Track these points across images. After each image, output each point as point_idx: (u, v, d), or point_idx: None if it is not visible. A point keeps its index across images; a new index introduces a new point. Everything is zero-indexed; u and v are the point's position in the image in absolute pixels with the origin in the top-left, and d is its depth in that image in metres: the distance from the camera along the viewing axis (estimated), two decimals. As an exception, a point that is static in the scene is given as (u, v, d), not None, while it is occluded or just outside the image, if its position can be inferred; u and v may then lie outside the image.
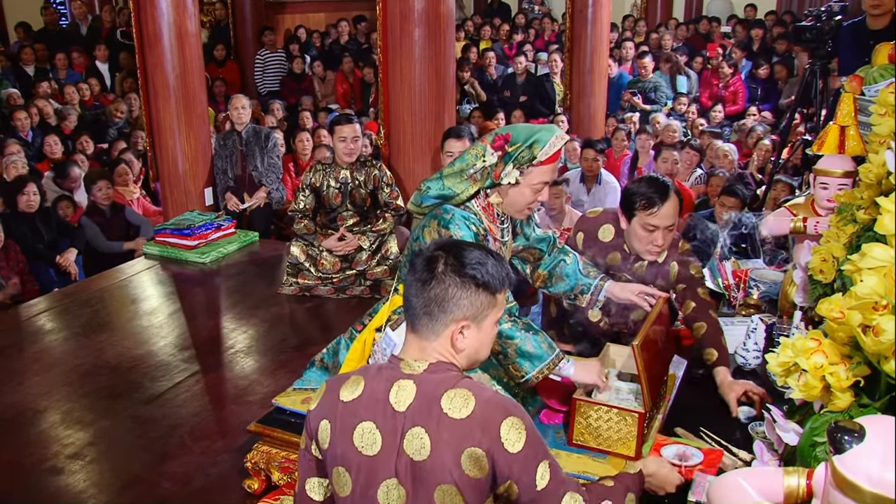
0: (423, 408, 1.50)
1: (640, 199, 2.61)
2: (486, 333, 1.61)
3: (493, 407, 1.50)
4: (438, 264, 1.56)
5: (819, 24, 4.19)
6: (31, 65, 8.26)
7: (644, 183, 2.66)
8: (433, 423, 1.49)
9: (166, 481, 2.61)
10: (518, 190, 2.33)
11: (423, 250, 1.63)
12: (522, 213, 2.43)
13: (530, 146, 2.27)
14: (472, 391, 1.51)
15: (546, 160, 2.29)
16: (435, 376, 1.54)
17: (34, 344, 3.68)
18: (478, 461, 1.48)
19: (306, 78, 8.96)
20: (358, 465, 1.54)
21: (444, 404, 1.49)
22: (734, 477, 1.55)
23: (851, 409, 1.54)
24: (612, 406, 2.18)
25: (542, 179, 2.33)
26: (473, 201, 2.38)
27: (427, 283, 1.55)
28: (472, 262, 1.56)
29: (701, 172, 5.82)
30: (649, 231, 2.63)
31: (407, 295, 1.60)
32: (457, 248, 1.59)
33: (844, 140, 2.87)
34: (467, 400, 1.49)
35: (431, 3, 4.51)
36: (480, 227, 2.33)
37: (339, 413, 1.56)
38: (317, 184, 4.26)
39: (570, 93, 7.42)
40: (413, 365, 1.56)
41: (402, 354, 1.61)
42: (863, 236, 2.00)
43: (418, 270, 1.58)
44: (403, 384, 1.54)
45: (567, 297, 2.67)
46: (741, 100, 8.22)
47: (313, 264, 4.24)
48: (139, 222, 5.47)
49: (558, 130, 2.34)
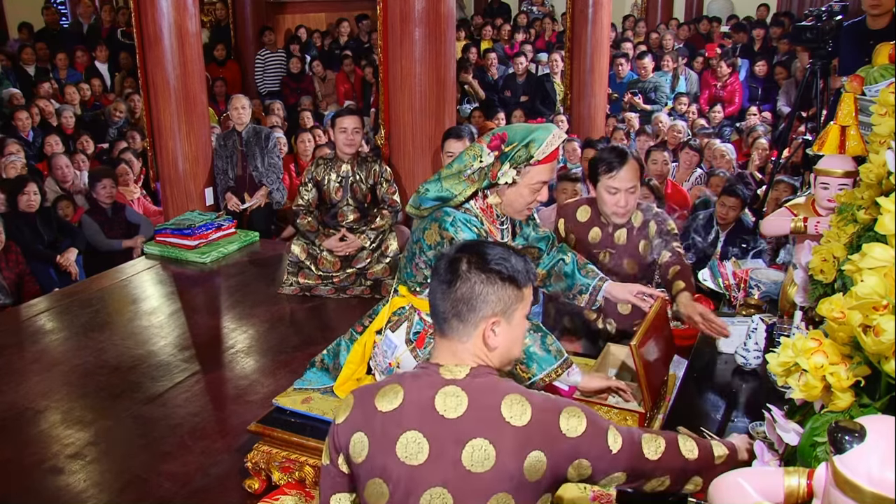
0: (482, 417, 1.47)
1: (602, 164, 2.87)
2: (517, 329, 1.59)
3: (549, 406, 1.50)
4: (462, 264, 1.55)
5: (819, 24, 4.18)
6: (31, 65, 8.27)
7: (605, 151, 2.97)
8: (496, 433, 1.46)
9: (166, 481, 2.61)
10: (516, 190, 2.33)
11: (445, 254, 1.61)
12: (521, 214, 2.43)
13: (527, 145, 2.26)
14: (524, 396, 1.50)
15: (544, 159, 2.28)
16: (480, 381, 1.52)
17: (34, 344, 3.68)
18: (537, 464, 1.46)
19: (306, 78, 8.96)
20: (398, 476, 1.49)
21: (504, 412, 1.47)
22: (734, 477, 1.55)
23: (852, 409, 1.54)
24: (612, 406, 2.18)
25: (540, 179, 2.32)
26: (473, 203, 2.37)
27: (452, 283, 1.54)
28: (495, 258, 1.55)
29: (701, 172, 5.82)
30: (612, 194, 2.87)
31: (433, 301, 1.58)
32: (479, 247, 1.59)
33: (845, 140, 2.86)
34: (524, 406, 1.48)
35: (431, 3, 4.51)
36: (482, 230, 2.33)
37: (380, 424, 1.51)
38: (318, 178, 4.28)
39: (571, 93, 7.42)
40: (454, 370, 1.53)
41: (436, 360, 1.58)
42: (863, 236, 2.00)
43: (441, 273, 1.56)
44: (450, 390, 1.50)
45: (566, 297, 2.68)
46: (738, 100, 8.22)
47: (314, 263, 4.24)
48: (139, 221, 5.47)
49: (555, 129, 2.33)
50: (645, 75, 8.33)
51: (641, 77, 8.36)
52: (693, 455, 1.64)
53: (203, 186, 5.39)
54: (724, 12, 11.46)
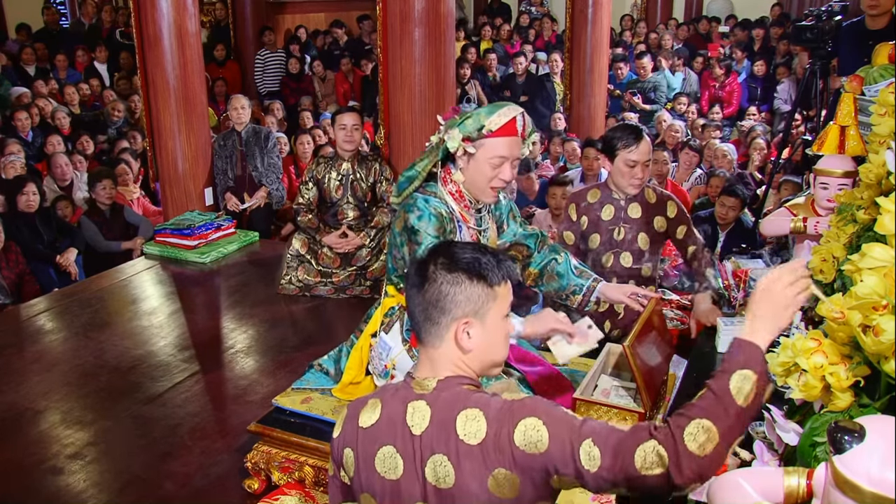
0: (440, 434, 1.44)
1: (619, 140, 3.08)
2: (494, 330, 1.51)
3: (503, 419, 1.41)
4: (430, 266, 1.51)
5: (819, 24, 4.19)
6: (31, 65, 8.27)
7: (619, 129, 3.19)
8: (453, 451, 1.42)
9: (166, 481, 2.61)
10: (475, 165, 2.33)
11: (415, 258, 1.60)
12: (486, 193, 2.40)
13: (478, 115, 2.28)
14: (481, 409, 1.43)
15: (498, 130, 2.28)
16: (446, 394, 1.48)
17: (34, 344, 3.68)
18: (506, 480, 1.39)
19: (306, 78, 8.96)
20: (383, 490, 1.49)
21: (459, 429, 1.42)
22: (734, 477, 1.55)
23: (851, 409, 1.54)
24: (612, 406, 2.18)
25: (498, 153, 2.31)
26: (440, 187, 2.39)
27: (421, 287, 1.50)
28: (462, 258, 1.50)
29: (700, 173, 5.82)
30: (630, 167, 3.09)
31: (408, 307, 1.56)
32: (447, 248, 1.55)
33: (844, 140, 2.87)
34: (479, 421, 1.42)
35: (431, 3, 4.51)
36: (442, 209, 2.33)
37: (360, 440, 1.51)
38: (319, 176, 4.28)
39: (570, 93, 7.42)
40: (423, 383, 1.51)
41: (415, 373, 1.55)
42: (863, 236, 2.00)
43: (411, 277, 1.54)
44: (417, 405, 1.48)
45: (558, 297, 2.67)
46: (736, 101, 8.22)
47: (314, 257, 4.25)
48: (138, 222, 5.47)
49: (512, 105, 2.35)
50: (644, 75, 8.33)
51: (641, 77, 8.36)
52: (702, 438, 1.33)
53: (203, 186, 5.39)
54: (724, 12, 11.45)
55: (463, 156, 2.33)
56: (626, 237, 3.20)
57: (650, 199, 3.23)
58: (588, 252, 3.21)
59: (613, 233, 3.20)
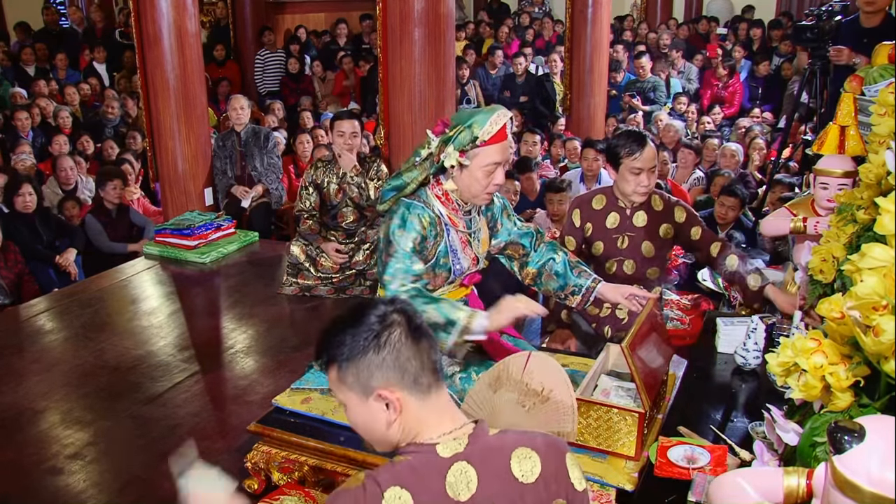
0: (496, 487, 1.33)
1: (624, 148, 2.99)
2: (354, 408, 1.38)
3: (556, 452, 1.37)
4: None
5: (819, 23, 4.19)
6: (31, 65, 8.27)
7: (622, 136, 3.08)
8: (515, 497, 1.33)
9: (166, 481, 2.60)
10: (469, 174, 2.31)
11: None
12: (480, 198, 2.39)
13: (469, 126, 2.25)
14: (530, 447, 1.35)
15: (490, 139, 2.26)
16: (479, 445, 1.35)
17: (34, 344, 3.68)
18: None
19: (306, 78, 8.96)
20: None
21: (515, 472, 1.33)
22: (734, 477, 1.55)
23: (851, 409, 1.54)
24: (612, 406, 2.17)
25: (491, 160, 2.29)
26: (427, 191, 2.37)
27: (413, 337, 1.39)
28: None
29: (700, 174, 5.81)
30: (636, 174, 2.99)
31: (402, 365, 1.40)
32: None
33: (844, 140, 2.87)
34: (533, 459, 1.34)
35: (431, 4, 4.51)
36: (426, 214, 2.31)
37: None
38: (318, 180, 4.27)
39: (570, 93, 7.42)
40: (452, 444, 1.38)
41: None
42: (863, 236, 2.00)
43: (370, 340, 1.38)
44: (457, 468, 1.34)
45: (557, 297, 2.67)
46: (737, 101, 8.22)
47: (313, 264, 4.24)
48: (143, 223, 5.45)
49: (501, 109, 2.32)
50: (643, 75, 8.33)
51: (640, 77, 8.36)
52: None
53: (202, 186, 5.39)
54: (724, 12, 11.45)
55: (455, 167, 2.31)
56: (630, 245, 3.12)
57: (657, 206, 3.13)
58: (591, 258, 3.16)
59: (617, 241, 3.12)
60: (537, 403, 2.08)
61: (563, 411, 2.05)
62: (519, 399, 2.09)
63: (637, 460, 2.15)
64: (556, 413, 2.05)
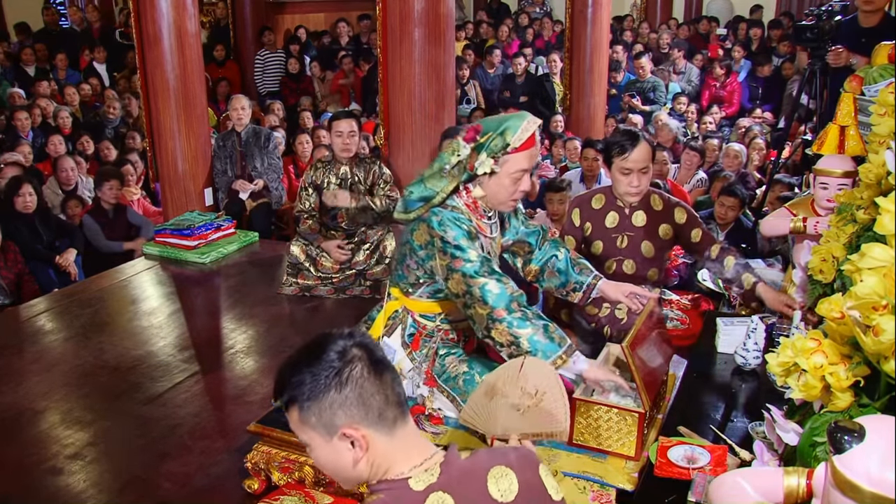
0: None
1: (615, 147, 3.00)
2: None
3: (529, 469, 1.37)
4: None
5: (819, 23, 4.19)
6: (31, 65, 8.27)
7: (617, 133, 3.12)
8: None
9: (166, 481, 2.61)
10: (497, 180, 2.32)
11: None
12: (507, 205, 2.41)
13: (502, 133, 2.26)
14: (506, 465, 1.34)
15: (521, 146, 2.27)
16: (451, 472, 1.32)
17: (34, 344, 3.68)
18: None
19: (306, 78, 8.96)
20: None
21: (492, 492, 1.31)
22: (734, 477, 1.55)
23: (851, 409, 1.54)
24: (612, 406, 2.18)
25: (520, 167, 2.31)
26: (458, 200, 2.37)
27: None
28: None
29: (703, 176, 5.81)
30: (625, 174, 3.00)
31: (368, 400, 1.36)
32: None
33: (844, 140, 2.87)
34: (509, 476, 1.33)
35: (431, 4, 4.52)
36: (471, 226, 2.32)
37: None
38: (318, 181, 4.27)
39: (570, 93, 7.43)
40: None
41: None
42: (863, 236, 2.00)
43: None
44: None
45: (559, 294, 2.69)
46: (736, 101, 8.22)
47: (313, 264, 4.24)
48: (140, 223, 5.47)
49: (529, 116, 2.33)
50: (643, 75, 8.33)
51: (640, 77, 8.36)
52: None
53: (202, 187, 5.40)
54: (724, 13, 11.45)
55: (486, 174, 2.31)
56: (629, 245, 3.13)
57: (656, 206, 3.14)
58: (591, 258, 3.17)
59: (616, 241, 3.14)
60: (531, 406, 2.08)
61: (556, 413, 2.06)
62: (514, 402, 2.09)
63: (637, 460, 2.15)
64: (550, 415, 2.06)
